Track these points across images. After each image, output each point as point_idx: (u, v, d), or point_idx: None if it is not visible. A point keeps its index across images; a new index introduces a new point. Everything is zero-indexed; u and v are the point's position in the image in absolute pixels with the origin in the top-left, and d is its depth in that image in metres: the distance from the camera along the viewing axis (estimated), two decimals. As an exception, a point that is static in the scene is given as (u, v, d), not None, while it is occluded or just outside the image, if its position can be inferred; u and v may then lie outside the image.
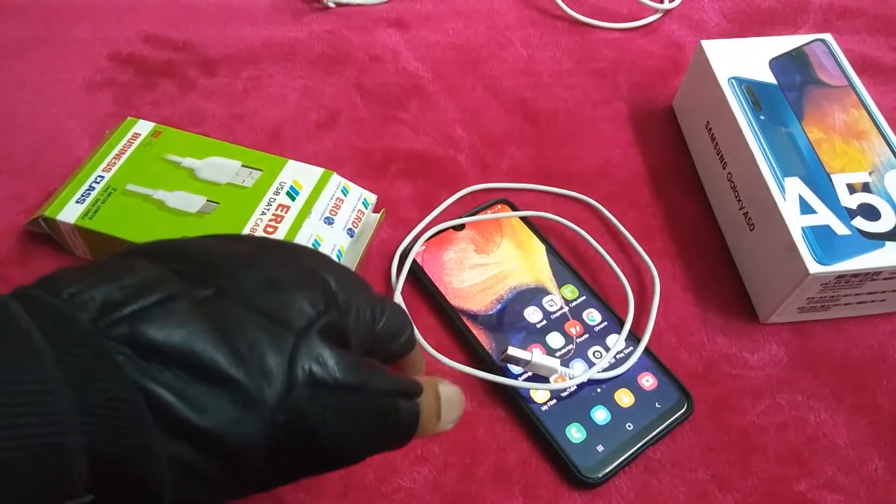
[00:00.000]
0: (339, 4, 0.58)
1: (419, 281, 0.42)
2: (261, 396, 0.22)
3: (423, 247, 0.43)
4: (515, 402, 0.38)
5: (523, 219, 0.45)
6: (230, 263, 0.24)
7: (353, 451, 0.25)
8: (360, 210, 0.43)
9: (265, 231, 0.40)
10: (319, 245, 0.40)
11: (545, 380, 0.38)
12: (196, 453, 0.21)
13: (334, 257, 0.40)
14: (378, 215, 0.44)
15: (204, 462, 0.22)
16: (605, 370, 0.38)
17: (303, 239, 0.40)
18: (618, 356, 0.39)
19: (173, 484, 0.21)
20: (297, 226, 0.40)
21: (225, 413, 0.21)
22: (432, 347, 0.38)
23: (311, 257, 0.26)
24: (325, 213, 0.41)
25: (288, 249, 0.26)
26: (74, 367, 0.20)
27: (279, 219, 0.40)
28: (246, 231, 0.40)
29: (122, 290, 0.22)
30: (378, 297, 0.28)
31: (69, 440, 0.19)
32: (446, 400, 0.28)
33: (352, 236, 0.42)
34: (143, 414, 0.21)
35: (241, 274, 0.24)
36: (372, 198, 0.44)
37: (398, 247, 0.44)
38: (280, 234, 0.40)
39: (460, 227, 0.44)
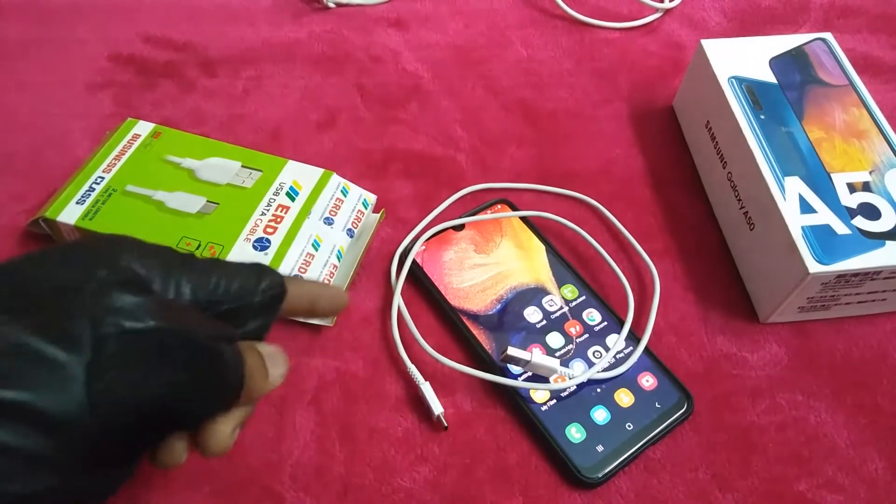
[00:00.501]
0: (339, 5, 0.58)
1: (419, 281, 0.42)
2: (64, 358, 0.21)
3: (423, 247, 0.43)
4: (515, 402, 0.38)
5: (523, 219, 0.45)
6: (22, 262, 0.24)
7: (186, 401, 0.24)
8: (359, 210, 0.43)
9: (265, 232, 0.40)
10: (319, 245, 0.40)
11: (545, 380, 0.38)
12: (10, 429, 0.20)
13: (334, 258, 0.40)
14: (378, 215, 0.44)
15: (19, 437, 0.20)
16: (604, 370, 0.38)
17: (302, 239, 0.40)
18: (617, 356, 0.39)
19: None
20: (296, 226, 0.40)
21: (32, 381, 0.21)
22: (432, 347, 0.38)
23: (103, 239, 0.26)
24: (324, 213, 0.42)
25: (78, 240, 0.26)
26: None
27: (279, 219, 0.40)
28: (246, 231, 0.40)
29: None
30: (197, 260, 0.27)
31: None
32: (268, 356, 0.28)
33: (351, 236, 0.42)
34: None
35: (30, 266, 0.24)
36: (372, 198, 0.44)
37: (398, 247, 0.44)
38: (279, 235, 0.40)
39: (460, 227, 0.44)
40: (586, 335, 0.40)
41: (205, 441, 0.27)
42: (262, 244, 0.39)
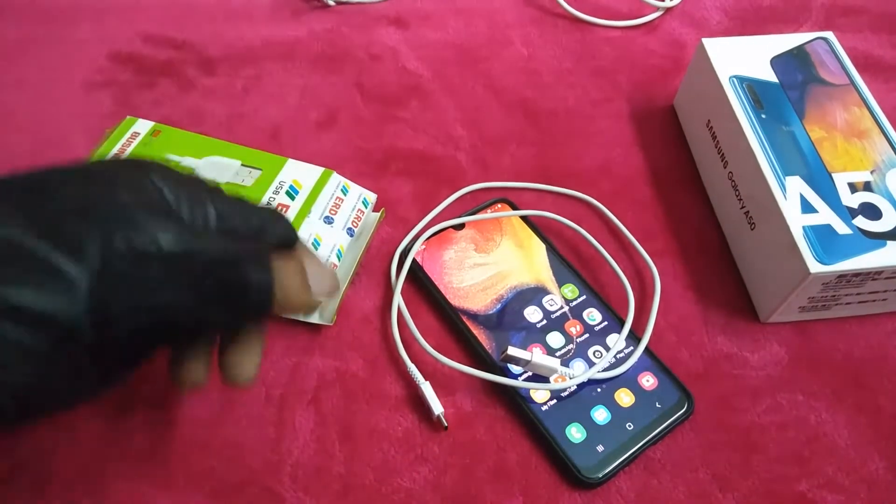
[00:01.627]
0: (338, 3, 0.58)
1: (419, 280, 0.42)
2: (69, 267, 0.22)
3: (423, 246, 0.43)
4: (515, 402, 0.38)
5: (523, 218, 0.45)
6: (51, 175, 0.25)
7: (194, 320, 0.25)
8: (359, 209, 0.43)
9: None
10: (319, 245, 0.40)
11: (545, 380, 0.38)
12: (9, 324, 0.21)
13: (334, 257, 0.40)
14: (378, 214, 0.44)
15: (21, 333, 0.22)
16: (605, 370, 0.38)
17: (302, 238, 0.40)
18: (618, 356, 0.39)
19: (3, 364, 0.21)
20: (296, 225, 0.40)
21: (33, 284, 0.22)
22: (432, 347, 0.38)
23: (134, 162, 0.26)
24: (324, 212, 0.41)
25: (105, 161, 0.27)
26: None
27: None
28: None
29: None
30: (223, 193, 0.28)
31: None
32: (311, 269, 0.28)
33: (351, 235, 0.42)
34: None
35: (58, 180, 0.24)
36: (372, 197, 0.44)
37: (398, 246, 0.44)
38: None
39: (460, 227, 0.44)
40: (587, 335, 0.40)
41: (230, 366, 0.28)
42: None
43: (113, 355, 0.25)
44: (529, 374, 0.38)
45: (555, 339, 0.40)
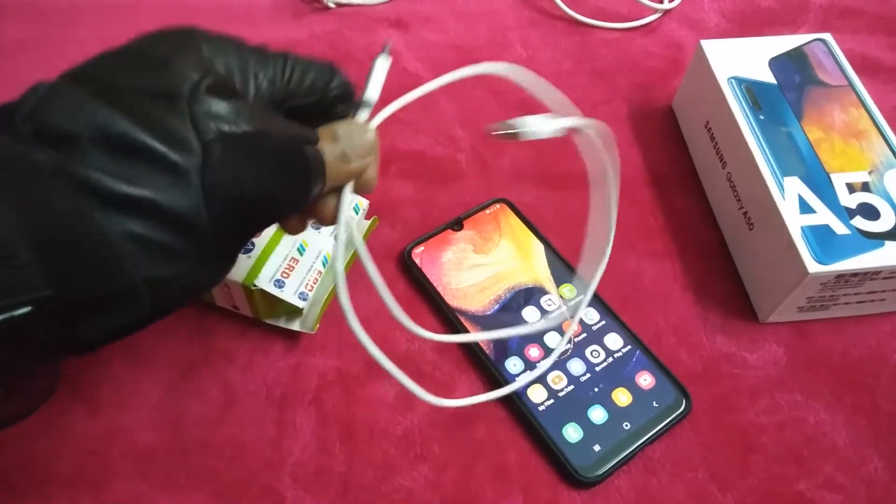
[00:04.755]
0: (339, 5, 0.59)
1: (417, 281, 0.42)
2: (182, 161, 0.23)
3: (422, 247, 0.43)
4: (513, 402, 0.38)
5: (522, 218, 0.45)
6: (99, 65, 0.25)
7: (279, 199, 0.26)
8: (350, 216, 0.42)
9: None
10: (305, 250, 0.40)
11: (544, 381, 0.38)
12: (141, 223, 0.22)
13: (319, 264, 0.40)
14: (370, 222, 0.44)
15: (153, 231, 0.22)
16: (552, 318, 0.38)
17: (287, 243, 0.39)
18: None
19: (135, 258, 0.22)
20: (282, 230, 0.40)
21: (154, 181, 0.22)
22: (430, 349, 0.38)
23: (175, 33, 0.27)
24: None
25: (151, 36, 0.27)
26: None
27: None
28: None
29: (12, 102, 0.23)
30: (271, 53, 0.28)
31: None
32: (346, 137, 0.28)
33: None
34: (71, 194, 0.21)
35: (113, 71, 0.25)
36: (364, 203, 0.44)
37: (397, 247, 0.44)
38: (264, 238, 0.39)
39: (459, 227, 0.44)
40: (584, 334, 0.40)
41: (319, 216, 0.30)
42: (245, 247, 0.39)
43: (226, 242, 0.26)
44: (528, 375, 0.38)
45: (553, 339, 0.40)
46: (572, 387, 0.38)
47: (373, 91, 0.30)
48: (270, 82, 0.27)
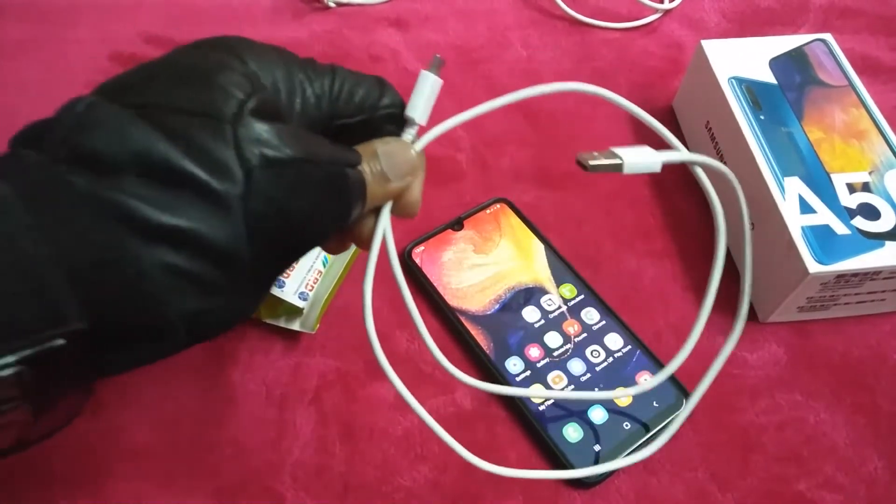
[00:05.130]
0: (339, 4, 0.58)
1: (417, 281, 0.42)
2: (224, 190, 0.22)
3: (422, 247, 0.43)
4: (513, 402, 0.38)
5: (523, 218, 0.45)
6: (140, 79, 0.24)
7: (319, 224, 0.25)
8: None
9: None
10: None
11: (544, 381, 0.38)
12: (180, 255, 0.21)
13: (319, 263, 0.40)
14: None
15: (191, 263, 0.22)
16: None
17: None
18: (615, 355, 0.39)
19: (172, 290, 0.21)
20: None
21: (195, 211, 0.21)
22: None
23: (221, 43, 0.26)
24: None
25: (194, 45, 0.26)
26: (20, 194, 0.20)
27: None
28: None
29: (48, 120, 0.22)
30: (319, 66, 0.27)
31: (32, 251, 0.19)
32: (385, 156, 0.27)
33: None
34: (108, 222, 0.20)
35: (154, 86, 0.24)
36: None
37: (397, 247, 0.44)
38: None
39: (459, 227, 0.44)
40: (585, 334, 0.40)
41: (356, 238, 0.30)
42: None
43: (266, 272, 0.25)
44: (528, 374, 0.38)
45: (553, 339, 0.40)
46: (572, 387, 0.38)
47: (417, 109, 0.29)
48: (318, 98, 0.27)
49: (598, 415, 0.37)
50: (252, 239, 0.23)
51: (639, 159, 0.31)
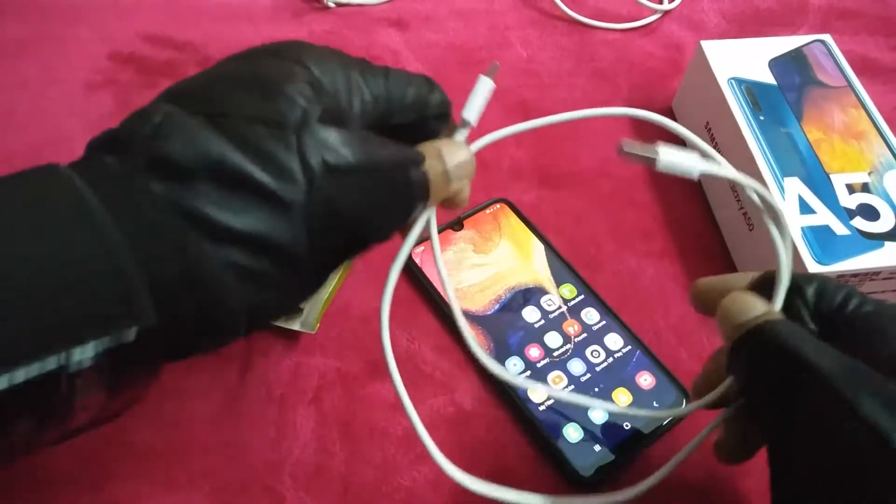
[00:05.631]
0: (339, 4, 0.58)
1: (417, 281, 0.42)
2: (288, 195, 0.23)
3: (422, 247, 0.43)
4: (513, 402, 0.38)
5: (522, 218, 0.45)
6: (207, 87, 0.25)
7: (379, 225, 0.27)
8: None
9: None
10: None
11: (544, 380, 0.38)
12: (244, 254, 0.23)
13: None
14: None
15: (254, 262, 0.23)
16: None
17: None
18: (615, 355, 0.39)
19: (237, 287, 0.23)
20: None
21: (261, 213, 0.23)
22: (430, 349, 0.38)
23: (283, 50, 0.26)
24: None
25: (256, 53, 0.27)
26: (103, 198, 0.22)
27: None
28: None
29: (125, 124, 0.24)
30: (374, 68, 0.28)
31: (115, 254, 0.21)
32: (448, 155, 0.28)
33: None
34: (181, 224, 0.22)
35: (222, 95, 0.25)
36: None
37: (397, 247, 0.44)
38: None
39: (459, 227, 0.44)
40: (585, 334, 0.40)
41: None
42: None
43: (324, 268, 0.26)
44: (528, 373, 0.38)
45: (553, 339, 0.40)
46: (572, 387, 0.38)
47: (473, 111, 0.30)
48: (374, 99, 0.27)
49: (598, 415, 0.37)
50: (312, 240, 0.24)
51: (676, 160, 0.31)
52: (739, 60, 0.47)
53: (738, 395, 0.30)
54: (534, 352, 0.39)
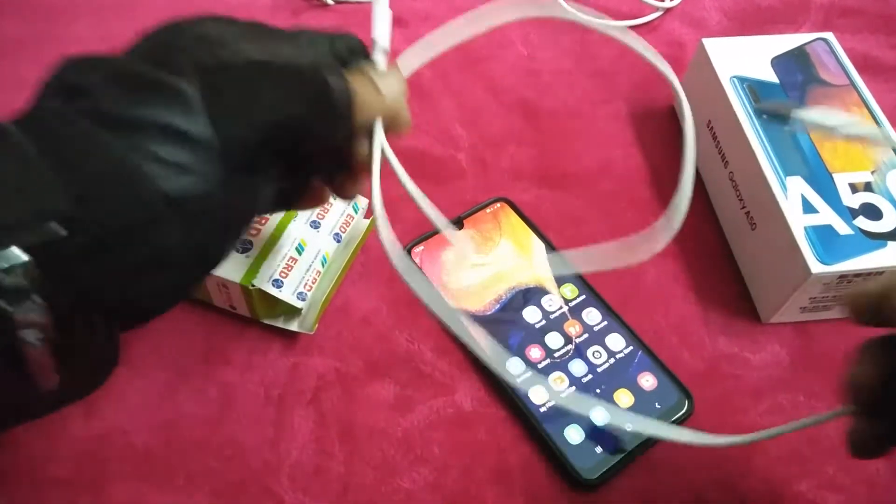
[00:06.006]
0: (338, 2, 0.58)
1: (419, 280, 0.42)
2: (183, 87, 0.24)
3: (422, 247, 0.43)
4: (514, 403, 0.37)
5: (523, 217, 0.45)
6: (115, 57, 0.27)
7: (301, 123, 0.26)
8: (349, 215, 0.42)
9: (248, 234, 0.39)
10: (303, 249, 0.39)
11: (543, 380, 0.38)
12: (154, 143, 0.24)
13: (318, 263, 0.40)
14: (369, 221, 0.43)
15: (166, 150, 0.24)
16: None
17: (286, 242, 0.39)
18: (617, 356, 0.39)
19: (152, 175, 0.23)
20: (281, 228, 0.39)
21: (164, 105, 0.24)
22: (430, 349, 0.38)
23: (198, 19, 0.28)
24: (311, 216, 0.41)
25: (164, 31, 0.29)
26: (15, 123, 0.24)
27: (263, 220, 0.40)
28: None
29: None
30: (288, 31, 0.29)
31: (30, 159, 0.22)
32: (375, 74, 0.29)
33: (338, 241, 0.41)
34: (85, 121, 0.24)
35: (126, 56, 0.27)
36: (363, 202, 0.43)
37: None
38: (263, 237, 0.39)
39: (459, 227, 0.44)
40: (586, 335, 0.40)
41: (342, 192, 0.33)
42: (243, 246, 0.39)
43: (249, 163, 0.26)
44: (528, 374, 0.38)
45: (554, 339, 0.39)
46: (574, 388, 0.38)
47: (380, 31, 0.31)
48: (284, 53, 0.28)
49: (599, 416, 0.37)
50: (220, 130, 0.25)
51: (817, 116, 0.30)
52: (741, 58, 0.46)
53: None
54: (535, 352, 0.39)
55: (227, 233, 0.27)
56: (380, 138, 0.30)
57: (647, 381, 0.38)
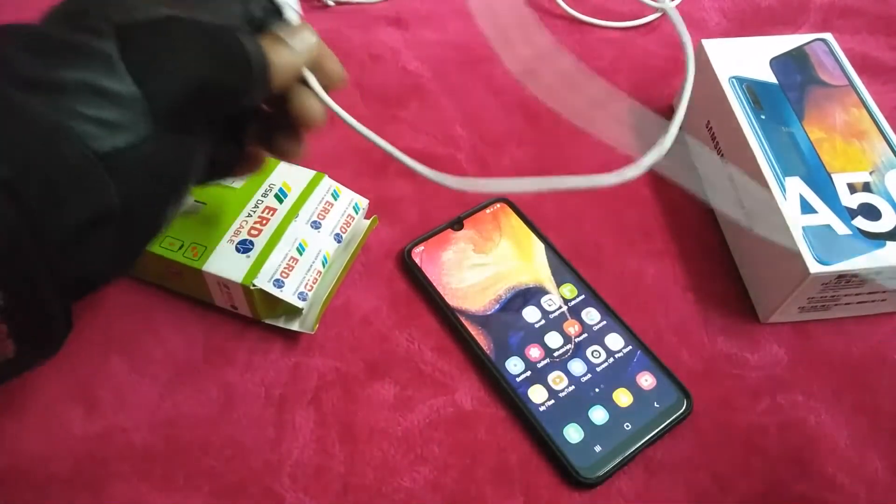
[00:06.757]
0: (338, 3, 0.58)
1: (417, 281, 0.42)
2: (102, 46, 0.25)
3: (422, 247, 0.43)
4: (514, 403, 0.37)
5: (523, 218, 0.45)
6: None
7: (219, 81, 0.27)
8: (349, 215, 0.42)
9: (249, 234, 0.39)
10: (304, 250, 0.39)
11: (544, 380, 0.38)
12: (77, 101, 0.24)
13: (319, 263, 0.40)
14: (369, 221, 0.44)
15: (89, 108, 0.24)
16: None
17: (287, 242, 0.39)
18: (616, 355, 0.39)
19: (79, 134, 0.23)
20: (282, 229, 0.40)
21: (81, 64, 0.24)
22: (430, 349, 0.38)
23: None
24: (312, 216, 0.41)
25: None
26: None
27: (265, 221, 0.40)
28: (230, 233, 0.39)
29: None
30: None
31: None
32: (286, 33, 0.29)
33: (339, 241, 0.41)
34: (5, 89, 0.23)
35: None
36: (363, 202, 0.43)
37: (397, 247, 0.44)
38: (264, 237, 0.39)
39: (459, 227, 0.44)
40: (585, 335, 0.40)
41: (281, 152, 0.34)
42: (244, 246, 0.39)
43: (175, 119, 0.26)
44: (528, 374, 0.38)
45: (553, 339, 0.40)
46: (573, 387, 0.38)
47: None
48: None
49: (598, 415, 0.37)
50: (143, 86, 0.25)
51: None
52: (740, 59, 0.46)
53: None
54: (534, 352, 0.39)
55: (166, 193, 0.27)
56: (313, 82, 0.31)
57: (646, 380, 0.38)
